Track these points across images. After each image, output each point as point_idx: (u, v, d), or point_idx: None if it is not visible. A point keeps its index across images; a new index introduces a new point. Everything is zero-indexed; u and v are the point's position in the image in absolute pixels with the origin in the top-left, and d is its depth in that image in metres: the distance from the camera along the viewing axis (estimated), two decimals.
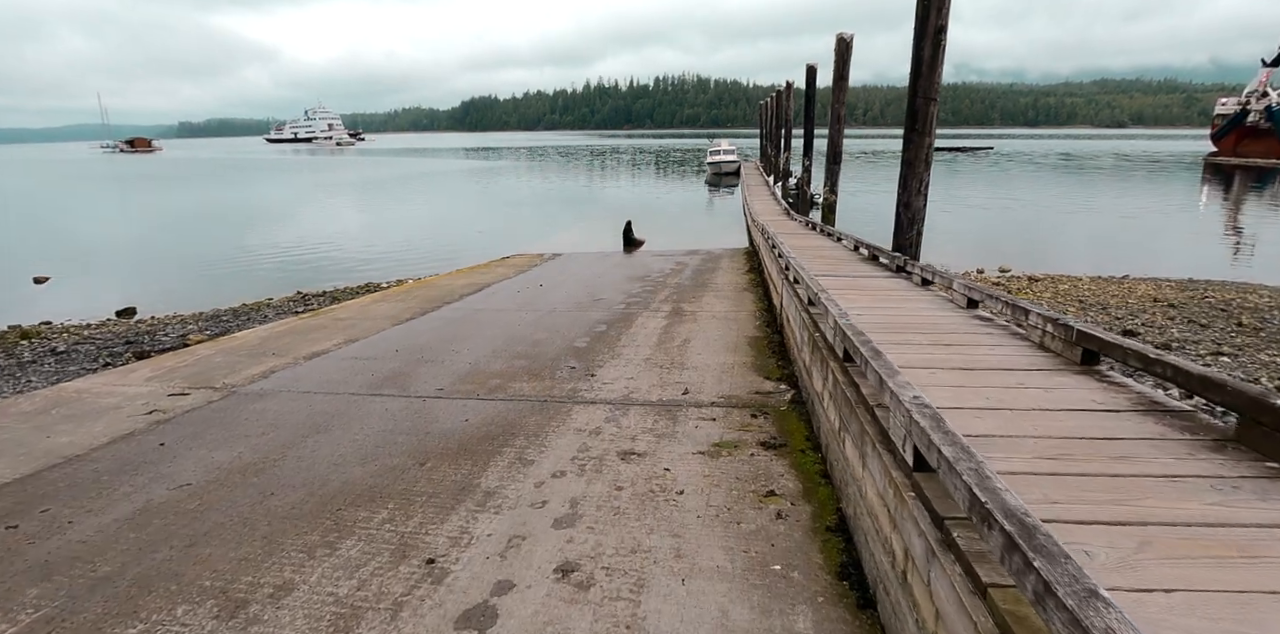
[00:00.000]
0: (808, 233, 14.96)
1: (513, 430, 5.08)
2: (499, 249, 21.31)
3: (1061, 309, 12.63)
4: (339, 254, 21.52)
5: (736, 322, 8.88)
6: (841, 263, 9.48)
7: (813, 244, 12.38)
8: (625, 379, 6.37)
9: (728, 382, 6.23)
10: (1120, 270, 16.86)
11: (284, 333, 8.92)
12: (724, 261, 15.52)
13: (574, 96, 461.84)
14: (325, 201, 39.94)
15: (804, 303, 5.89)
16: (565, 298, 11.06)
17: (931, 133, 8.37)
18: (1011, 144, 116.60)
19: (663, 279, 12.96)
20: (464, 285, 12.83)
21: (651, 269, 14.55)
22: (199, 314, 13.28)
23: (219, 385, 6.47)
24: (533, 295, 11.39)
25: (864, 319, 5.25)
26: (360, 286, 15.79)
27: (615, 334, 8.29)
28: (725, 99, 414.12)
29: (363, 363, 7.19)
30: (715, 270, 14.08)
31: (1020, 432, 2.90)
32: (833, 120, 15.47)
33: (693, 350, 7.41)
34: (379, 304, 11.01)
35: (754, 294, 11.05)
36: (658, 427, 5.09)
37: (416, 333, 8.65)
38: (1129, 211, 29.27)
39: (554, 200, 38.81)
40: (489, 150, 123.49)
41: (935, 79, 8.13)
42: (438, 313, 10.03)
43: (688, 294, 11.14)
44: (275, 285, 16.73)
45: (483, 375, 6.62)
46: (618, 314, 9.55)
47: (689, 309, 9.79)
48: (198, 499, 4.03)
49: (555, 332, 8.52)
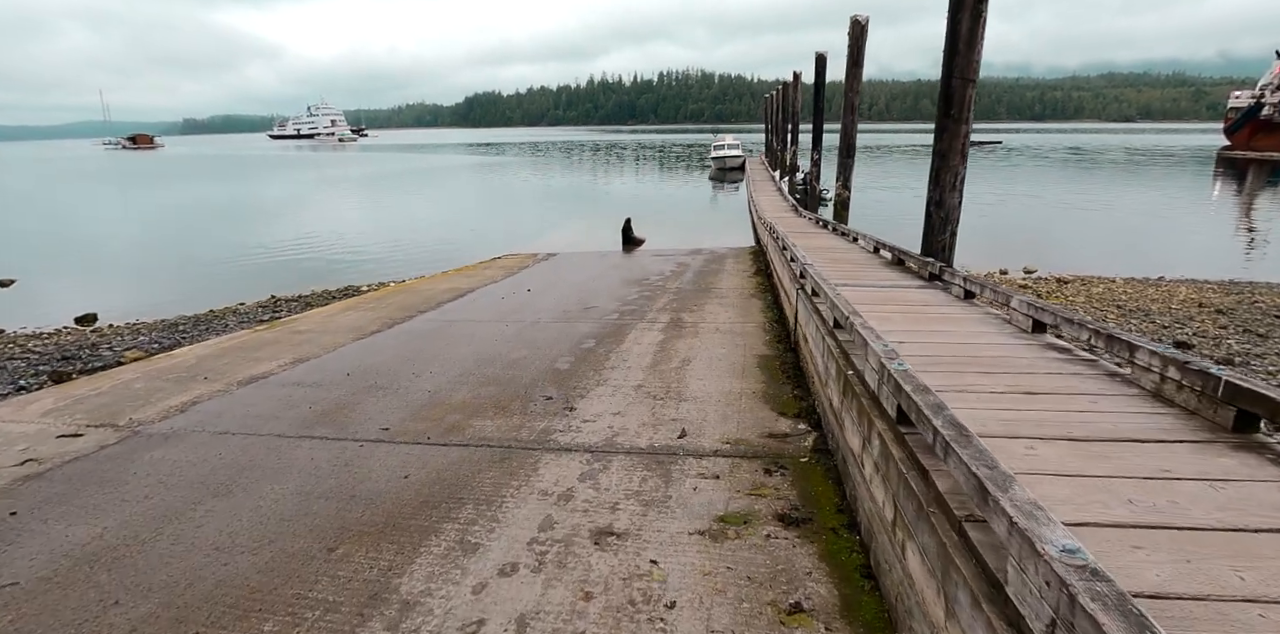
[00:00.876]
0: (819, 232, 13.82)
1: (460, 493, 3.99)
2: (493, 248, 20.25)
3: (1100, 316, 11.51)
4: (326, 254, 20.46)
5: (743, 336, 7.77)
6: (862, 268, 8.35)
7: (826, 244, 11.25)
8: (610, 415, 5.26)
9: (734, 418, 5.13)
10: (1148, 270, 15.70)
11: (229, 350, 7.84)
12: (728, 262, 14.40)
13: (578, 92, 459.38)
14: (320, 199, 38.89)
15: (827, 324, 4.78)
16: (553, 306, 9.96)
17: (968, 120, 7.22)
18: (1019, 138, 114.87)
19: (662, 283, 11.85)
20: (445, 291, 11.74)
21: (650, 271, 13.44)
22: (159, 322, 12.23)
23: (123, 423, 5.39)
24: (517, 303, 10.29)
25: (906, 349, 4.14)
26: (339, 290, 14.72)
27: (604, 352, 7.19)
28: (729, 94, 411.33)
29: (304, 391, 6.10)
30: (719, 272, 12.96)
31: (1229, 590, 1.78)
32: (846, 110, 14.32)
33: (692, 374, 6.31)
34: (346, 314, 9.92)
35: (762, 300, 9.94)
36: (646, 488, 3.99)
37: (377, 350, 7.56)
38: (1148, 207, 28.02)
39: (554, 196, 37.68)
40: (491, 146, 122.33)
41: (974, 58, 6.99)
42: (408, 324, 8.94)
43: (689, 301, 10.03)
44: (254, 287, 15.69)
45: (441, 409, 5.52)
46: (609, 326, 8.44)
47: (689, 320, 8.68)
48: (11, 611, 2.95)
49: (536, 349, 7.42)
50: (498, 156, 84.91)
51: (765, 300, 9.95)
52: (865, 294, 6.30)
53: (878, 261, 8.87)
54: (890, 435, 2.84)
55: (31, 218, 31.93)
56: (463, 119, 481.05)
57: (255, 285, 16.15)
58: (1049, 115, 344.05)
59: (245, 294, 15.00)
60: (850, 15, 13.41)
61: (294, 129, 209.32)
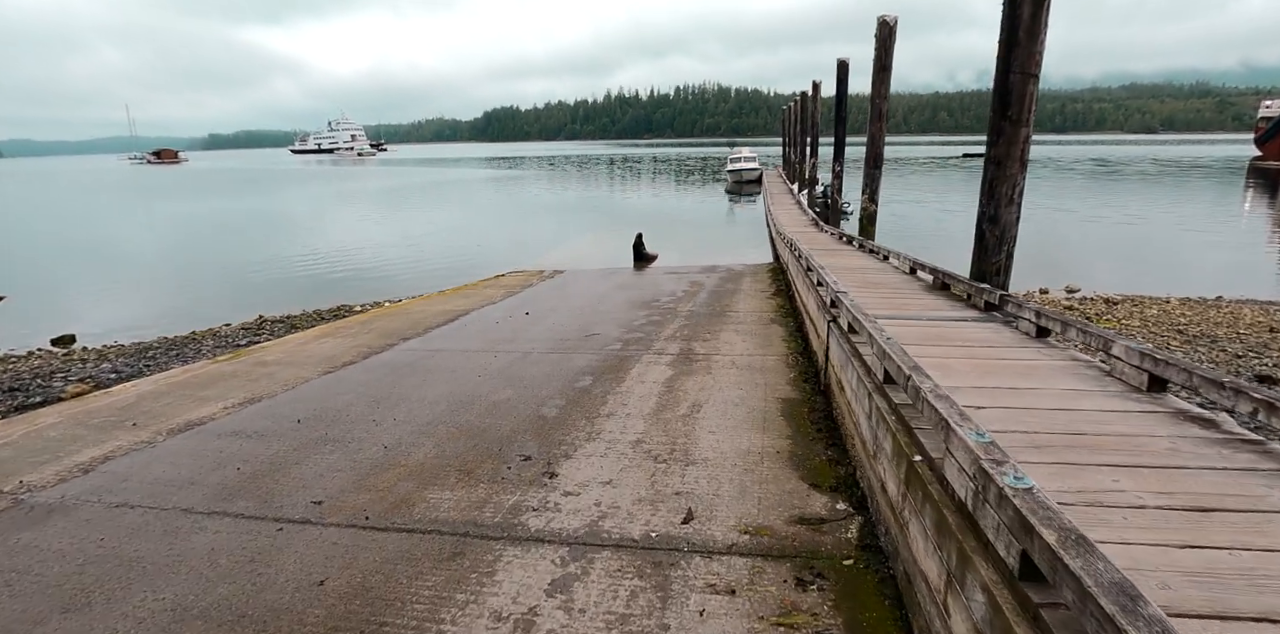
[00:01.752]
0: (844, 249, 12.74)
1: (385, 616, 2.95)
2: (500, 264, 19.42)
3: (1162, 343, 10.32)
4: (327, 270, 19.67)
5: (763, 372, 6.70)
6: (900, 293, 7.27)
7: (854, 264, 10.17)
8: (599, 485, 4.22)
9: (754, 492, 4.06)
10: (1201, 288, 14.44)
11: (177, 385, 6.91)
12: (746, 281, 13.35)
13: (595, 106, 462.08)
14: (331, 213, 38.41)
15: (874, 378, 3.72)
16: (551, 332, 8.95)
17: (1029, 122, 6.16)
18: (1041, 150, 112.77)
19: (673, 305, 10.82)
20: (437, 313, 10.80)
21: (661, 291, 12.42)
22: (135, 346, 11.41)
23: (8, 488, 4.43)
24: (513, 329, 9.30)
25: (984, 417, 3.08)
26: (331, 310, 13.86)
27: (601, 393, 6.15)
28: (746, 107, 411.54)
29: (240, 444, 5.12)
30: (735, 293, 11.90)
31: None
32: (873, 118, 13.27)
33: (703, 424, 5.25)
34: (322, 342, 8.98)
35: (784, 327, 8.86)
36: (635, 610, 2.93)
37: (342, 388, 6.58)
38: (1187, 219, 26.57)
39: (568, 210, 36.87)
40: (509, 160, 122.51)
41: (1037, 49, 5.94)
42: (387, 355, 7.97)
43: (702, 327, 8.98)
44: (247, 305, 14.92)
45: (394, 472, 4.51)
46: (611, 359, 7.41)
47: (701, 351, 7.63)
48: None
49: (523, 388, 6.41)
50: (514, 170, 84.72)
51: (787, 327, 8.87)
52: (912, 330, 5.23)
53: (917, 285, 7.77)
54: (1010, 601, 1.77)
55: (38, 231, 31.65)
56: (481, 133, 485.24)
57: (249, 303, 15.36)
58: (1070, 127, 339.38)
59: (237, 312, 14.21)
60: (878, 15, 12.42)
61: (315, 144, 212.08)
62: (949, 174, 57.57)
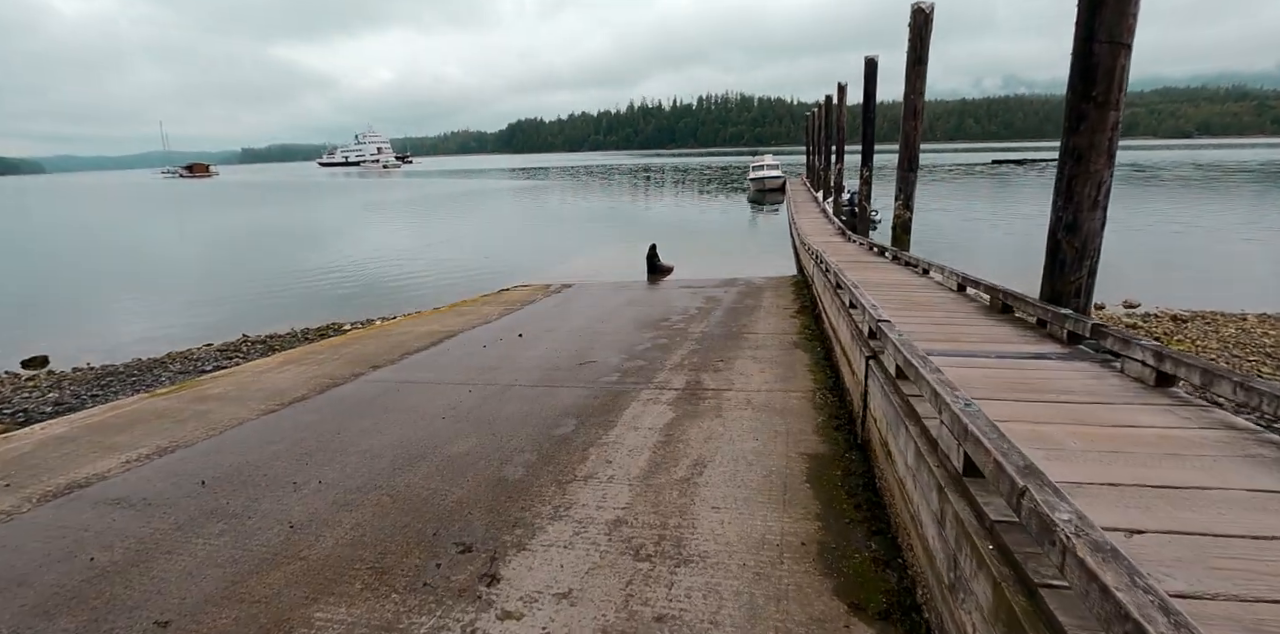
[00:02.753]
0: (877, 261, 11.44)
1: None
2: (511, 276, 18.44)
3: (1252, 368, 8.88)
4: (329, 284, 18.80)
5: (785, 415, 5.47)
6: (951, 317, 6.00)
7: (891, 279, 8.90)
8: (552, 600, 3.03)
9: (770, 616, 2.84)
10: (1275, 303, 12.90)
11: (90, 429, 5.87)
12: (767, 296, 12.11)
13: (618, 117, 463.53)
14: (347, 224, 37.86)
15: (951, 464, 2.51)
16: (541, 359, 7.80)
17: (1119, 105, 4.89)
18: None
19: (684, 325, 9.63)
20: (423, 335, 9.72)
21: (674, 308, 11.24)
22: (102, 369, 10.53)
23: None
24: (499, 354, 8.17)
25: (1132, 545, 1.84)
26: (319, 328, 12.91)
27: (582, 444, 4.97)
28: (769, 116, 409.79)
29: (116, 518, 4.02)
30: (755, 310, 10.67)
31: None
32: (907, 114, 11.99)
33: (706, 495, 4.04)
34: (284, 369, 7.93)
35: (809, 353, 7.61)
36: None
37: (274, 435, 5.47)
38: (1242, 227, 24.68)
39: (587, 220, 35.88)
40: (531, 171, 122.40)
41: (1130, 9, 4.68)
42: (348, 387, 6.88)
43: (715, 352, 7.77)
44: (236, 322, 14.10)
45: (282, 574, 3.36)
46: (603, 394, 6.24)
47: (711, 385, 6.42)
48: None
49: (490, 435, 5.25)
50: (537, 180, 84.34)
51: (813, 352, 7.62)
52: (978, 372, 3.97)
53: (969, 306, 6.48)
54: None
55: (48, 249, 31.44)
56: (506, 145, 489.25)
57: (242, 318, 14.51)
58: None
59: (228, 329, 13.33)
60: (912, 2, 11.18)
61: (342, 157, 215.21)
62: (975, 181, 55.44)
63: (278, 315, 14.75)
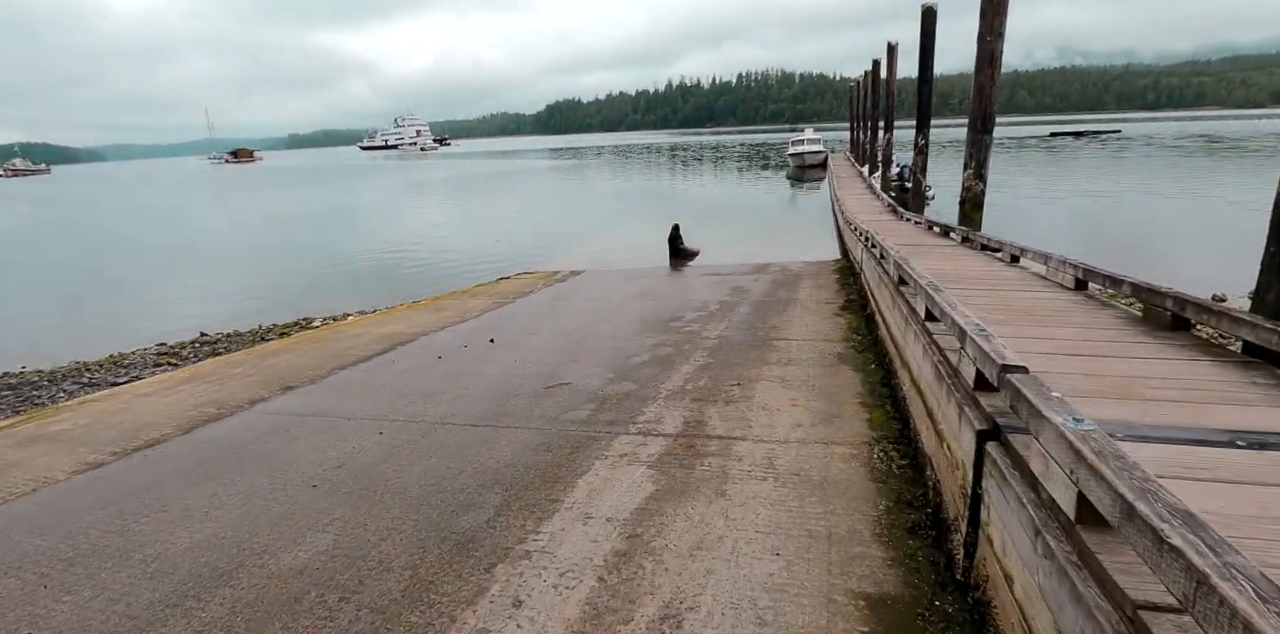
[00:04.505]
0: (941, 244, 9.20)
1: None
2: (521, 260, 16.67)
3: None
4: (325, 272, 17.16)
5: (825, 494, 3.46)
6: (1082, 331, 3.85)
7: (968, 269, 6.71)
8: None
9: None
10: None
11: None
12: (804, 287, 9.99)
13: (656, 96, 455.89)
14: (366, 206, 36.46)
15: None
16: (500, 380, 5.90)
17: None
18: (1138, 127, 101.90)
19: (698, 327, 7.63)
20: (377, 339, 7.93)
21: (690, 301, 9.25)
22: (47, 373, 9.01)
23: None
24: (451, 371, 6.30)
25: None
26: (285, 326, 11.26)
27: (492, 553, 3.06)
28: (810, 92, 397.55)
29: None
30: (789, 305, 8.60)
31: None
32: (981, 61, 9.59)
33: None
34: (172, 392, 6.19)
35: (859, 373, 5.53)
36: None
37: (41, 525, 3.71)
38: None
39: (616, 199, 33.77)
40: (567, 151, 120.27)
41: None
42: (229, 422, 5.10)
43: (731, 368, 5.76)
44: (215, 314, 12.58)
45: None
46: (559, 444, 4.31)
47: (719, 429, 4.42)
48: None
49: (360, 527, 3.38)
50: (572, 160, 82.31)
51: (865, 373, 5.54)
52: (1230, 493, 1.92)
53: (1108, 316, 4.32)
54: None
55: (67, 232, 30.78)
56: (544, 126, 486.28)
57: (218, 311, 13.00)
58: (1165, 104, 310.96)
59: (196, 324, 11.79)
60: None
61: (382, 140, 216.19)
62: (1026, 155, 50.63)
63: (257, 307, 13.19)
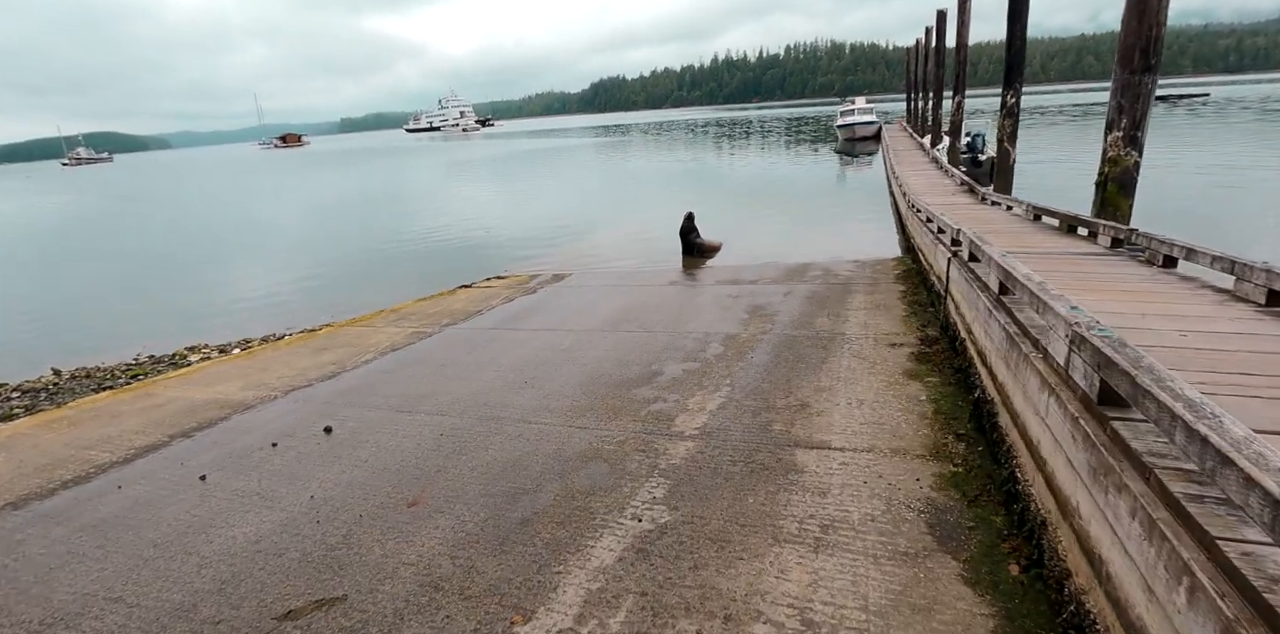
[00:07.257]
0: (1070, 248, 6.11)
1: None
2: (506, 255, 14.23)
3: None
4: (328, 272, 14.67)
5: None
6: None
7: (1146, 301, 3.72)
8: None
9: None
10: None
11: None
12: (855, 307, 7.09)
13: (701, 71, 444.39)
14: (392, 190, 34.38)
15: None
16: (249, 556, 3.33)
17: None
18: (1226, 90, 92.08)
19: (676, 400, 4.94)
20: (175, 415, 5.49)
21: (684, 335, 6.52)
22: None
23: None
24: (193, 519, 3.76)
25: None
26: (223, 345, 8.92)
27: None
28: (862, 63, 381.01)
29: None
30: (833, 345, 5.75)
31: None
32: None
33: None
34: None
35: (984, 555, 2.74)
36: None
37: None
38: None
39: (644, 178, 30.79)
40: (611, 128, 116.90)
41: None
42: None
43: (695, 555, 3.06)
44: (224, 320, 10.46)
45: None
46: None
47: None
48: None
49: None
50: (613, 137, 79.20)
51: (992, 555, 2.73)
52: None
53: None
54: None
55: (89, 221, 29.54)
56: (589, 105, 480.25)
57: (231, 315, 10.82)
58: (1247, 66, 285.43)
59: (213, 328, 9.67)
60: None
61: (427, 122, 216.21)
62: (1091, 124, 43.86)
63: (257, 309, 11.00)
